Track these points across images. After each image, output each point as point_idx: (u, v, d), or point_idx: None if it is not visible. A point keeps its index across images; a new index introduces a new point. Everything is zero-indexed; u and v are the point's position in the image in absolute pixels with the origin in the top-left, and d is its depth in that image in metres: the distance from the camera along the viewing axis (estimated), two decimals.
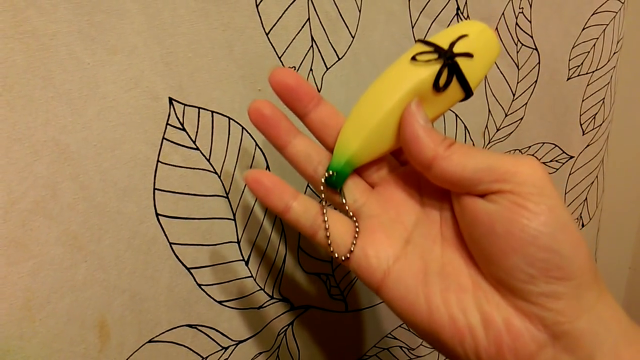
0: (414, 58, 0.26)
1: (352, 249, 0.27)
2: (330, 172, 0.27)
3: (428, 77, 0.25)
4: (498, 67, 0.46)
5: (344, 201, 0.28)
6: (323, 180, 0.28)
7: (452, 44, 0.25)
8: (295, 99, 0.27)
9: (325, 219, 0.27)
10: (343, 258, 0.27)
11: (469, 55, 0.25)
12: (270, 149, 0.35)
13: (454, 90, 0.26)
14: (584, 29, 0.49)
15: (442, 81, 0.25)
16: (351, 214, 0.28)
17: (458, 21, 0.42)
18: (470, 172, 0.24)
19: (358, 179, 0.29)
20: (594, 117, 0.54)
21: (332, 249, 0.27)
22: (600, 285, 0.24)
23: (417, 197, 0.29)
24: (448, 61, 0.25)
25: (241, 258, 0.35)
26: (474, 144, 0.47)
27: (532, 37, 0.46)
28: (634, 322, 0.24)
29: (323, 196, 0.28)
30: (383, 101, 0.26)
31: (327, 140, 0.28)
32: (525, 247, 0.23)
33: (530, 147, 0.51)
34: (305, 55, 0.35)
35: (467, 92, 0.26)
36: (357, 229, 0.28)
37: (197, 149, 0.31)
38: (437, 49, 0.26)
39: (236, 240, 0.34)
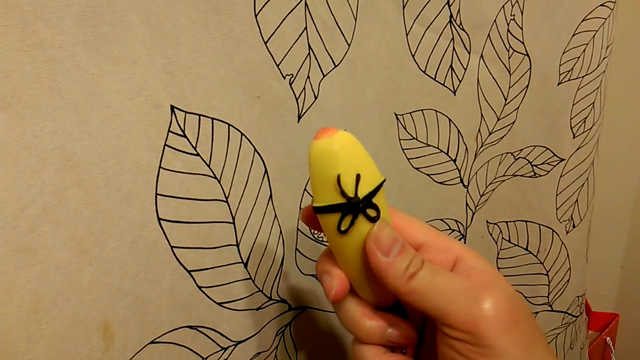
0: (342, 231, 0.26)
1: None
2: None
3: (370, 231, 0.26)
4: (490, 73, 0.47)
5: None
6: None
7: (355, 199, 0.26)
8: None
9: None
10: None
11: (358, 178, 0.26)
12: (268, 153, 0.36)
13: (377, 201, 0.27)
14: (574, 35, 0.50)
15: (372, 214, 0.26)
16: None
17: (451, 29, 0.43)
18: (427, 310, 0.25)
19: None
20: (584, 121, 0.55)
21: None
22: None
23: None
24: (363, 209, 0.26)
25: (240, 260, 0.36)
26: (467, 148, 0.48)
27: (523, 43, 0.48)
28: None
29: None
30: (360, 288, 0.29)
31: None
32: None
33: (522, 150, 0.52)
34: (303, 62, 0.36)
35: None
36: None
37: (198, 154, 0.32)
38: (348, 207, 0.26)
39: (235, 243, 0.35)
